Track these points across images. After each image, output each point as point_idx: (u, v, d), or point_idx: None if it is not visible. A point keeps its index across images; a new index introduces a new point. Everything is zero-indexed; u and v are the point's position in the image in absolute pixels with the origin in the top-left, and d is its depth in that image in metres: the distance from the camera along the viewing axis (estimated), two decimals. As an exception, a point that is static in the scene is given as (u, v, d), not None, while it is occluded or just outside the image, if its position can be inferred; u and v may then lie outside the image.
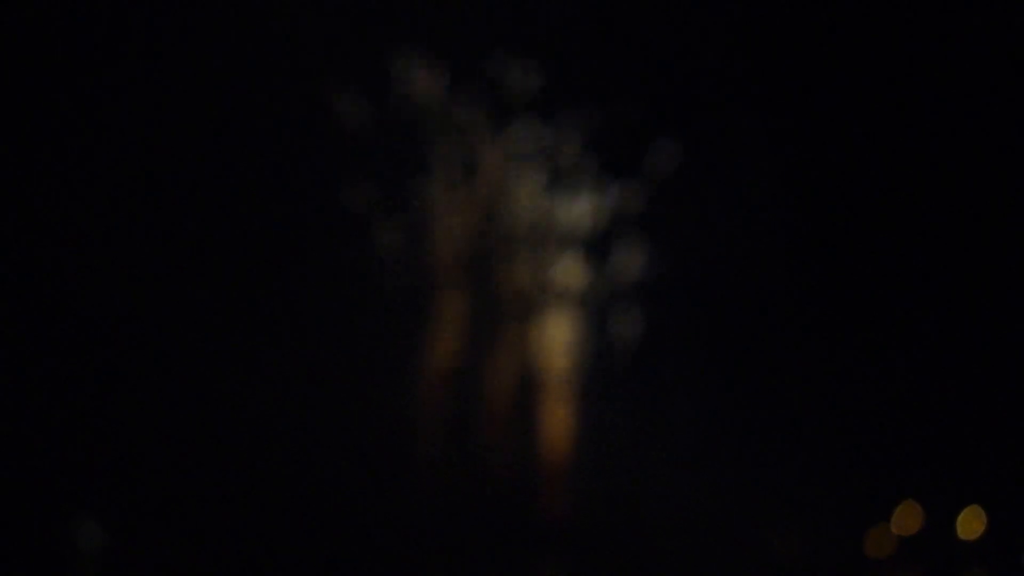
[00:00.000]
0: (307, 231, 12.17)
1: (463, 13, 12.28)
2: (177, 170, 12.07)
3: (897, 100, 12.96)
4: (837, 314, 13.01)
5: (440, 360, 12.35)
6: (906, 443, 12.69)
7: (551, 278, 12.66)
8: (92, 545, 11.46)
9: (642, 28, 12.65)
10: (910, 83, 12.92)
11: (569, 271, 12.69)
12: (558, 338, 12.71)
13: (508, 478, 12.27)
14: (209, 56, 11.89)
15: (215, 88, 11.99)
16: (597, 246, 12.72)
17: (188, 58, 11.95)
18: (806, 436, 12.58)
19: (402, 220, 12.49)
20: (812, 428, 12.61)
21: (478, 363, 12.42)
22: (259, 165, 12.18)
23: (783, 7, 12.80)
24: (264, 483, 11.49)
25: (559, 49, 12.61)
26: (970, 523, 12.48)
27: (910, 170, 13.00)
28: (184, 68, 11.98)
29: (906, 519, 12.57)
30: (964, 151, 12.92)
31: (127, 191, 11.93)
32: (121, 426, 11.57)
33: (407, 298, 12.35)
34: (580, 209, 12.70)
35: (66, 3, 11.83)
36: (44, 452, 11.43)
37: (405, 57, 12.39)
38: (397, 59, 12.37)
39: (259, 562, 11.27)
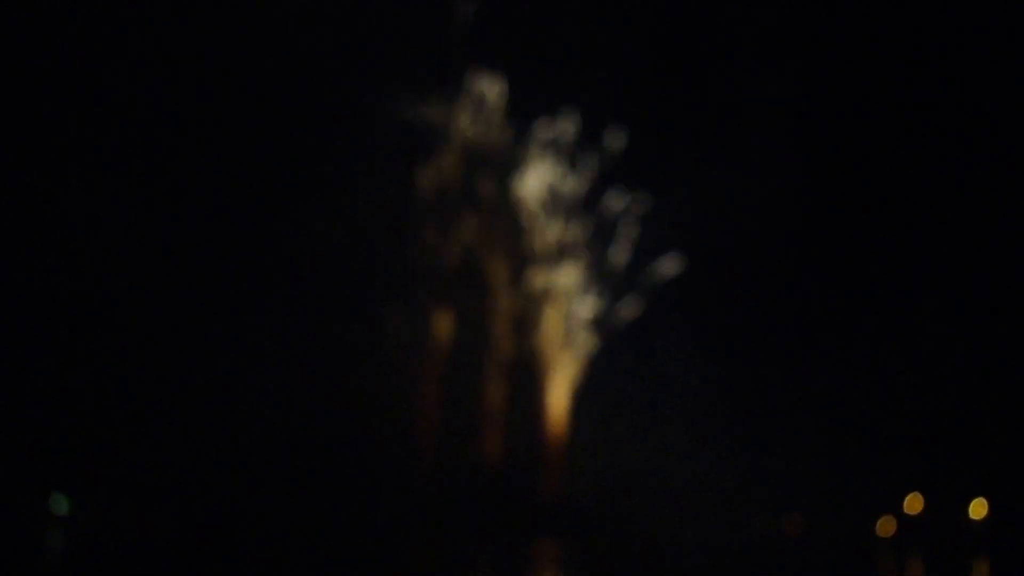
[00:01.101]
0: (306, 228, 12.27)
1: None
2: (190, 172, 12.23)
3: (897, 102, 13.05)
4: (847, 318, 13.01)
5: (439, 347, 12.37)
6: (913, 439, 12.64)
7: (551, 265, 12.70)
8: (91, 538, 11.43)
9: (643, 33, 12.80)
10: (911, 85, 13.01)
11: (571, 261, 12.73)
12: (559, 325, 12.73)
13: (508, 462, 12.21)
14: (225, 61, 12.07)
15: (227, 91, 12.16)
16: (601, 238, 12.77)
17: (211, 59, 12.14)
18: (817, 431, 12.55)
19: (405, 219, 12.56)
20: (823, 424, 12.58)
21: (477, 351, 12.43)
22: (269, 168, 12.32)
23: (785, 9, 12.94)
24: (263, 465, 11.48)
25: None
26: (975, 509, 12.51)
27: (918, 169, 13.08)
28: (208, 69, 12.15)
29: (912, 509, 12.54)
30: (965, 152, 12.99)
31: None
32: (112, 415, 11.61)
33: (407, 286, 12.39)
34: (582, 206, 12.76)
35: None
36: (38, 435, 11.46)
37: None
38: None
39: (256, 542, 11.23)
